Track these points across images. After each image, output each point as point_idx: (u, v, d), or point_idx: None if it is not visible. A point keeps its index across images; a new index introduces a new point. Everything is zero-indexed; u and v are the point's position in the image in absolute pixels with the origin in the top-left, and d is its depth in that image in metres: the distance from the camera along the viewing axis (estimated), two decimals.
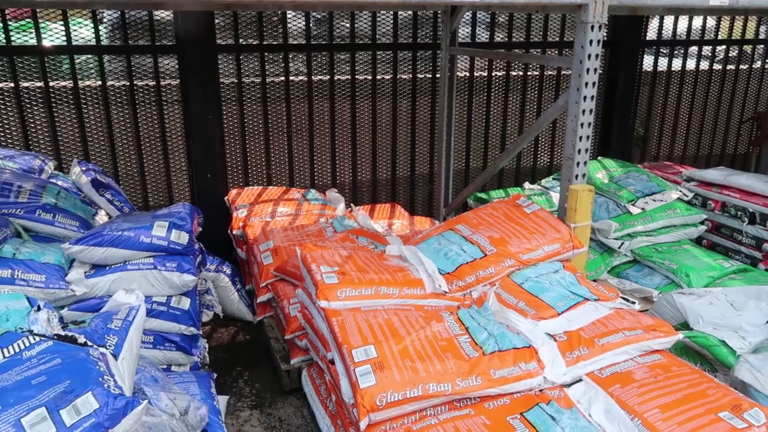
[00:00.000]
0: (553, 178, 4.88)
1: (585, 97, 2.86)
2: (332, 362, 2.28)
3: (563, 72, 5.05)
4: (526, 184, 4.83)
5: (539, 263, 2.80)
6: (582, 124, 2.90)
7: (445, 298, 2.58)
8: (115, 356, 1.77)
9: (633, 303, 2.68)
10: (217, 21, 3.98)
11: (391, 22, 4.38)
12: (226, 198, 4.17)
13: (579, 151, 2.94)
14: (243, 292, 3.67)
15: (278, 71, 4.19)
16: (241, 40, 4.06)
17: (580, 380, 2.25)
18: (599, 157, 4.94)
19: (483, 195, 4.65)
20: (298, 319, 2.89)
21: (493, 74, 4.77)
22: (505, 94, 4.89)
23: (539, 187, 4.81)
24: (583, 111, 2.88)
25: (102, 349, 1.74)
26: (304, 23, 4.16)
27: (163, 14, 3.92)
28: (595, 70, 2.83)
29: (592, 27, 2.75)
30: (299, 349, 2.99)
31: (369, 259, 2.76)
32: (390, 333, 2.20)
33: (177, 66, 3.96)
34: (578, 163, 2.96)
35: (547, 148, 5.26)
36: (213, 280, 3.57)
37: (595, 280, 4.04)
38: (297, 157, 4.43)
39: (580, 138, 2.91)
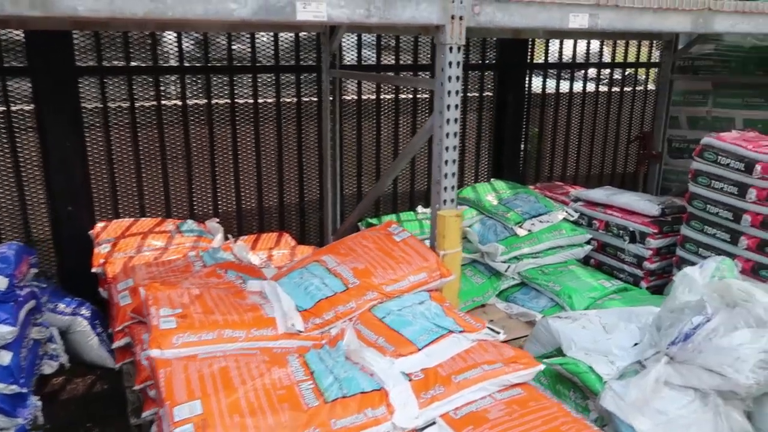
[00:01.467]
0: None
1: (448, 120, 2.78)
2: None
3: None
4: (419, 208, 4.77)
5: (404, 295, 2.67)
6: (447, 148, 2.82)
7: (299, 337, 2.40)
8: None
9: (498, 333, 2.59)
10: (76, 41, 3.69)
11: (272, 43, 4.22)
12: (90, 232, 3.83)
13: (446, 175, 2.86)
14: (105, 336, 3.35)
15: (149, 95, 3.93)
16: (105, 62, 3.78)
17: (434, 423, 2.12)
18: (492, 179, 4.95)
19: (374, 220, 4.53)
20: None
21: (381, 97, 4.70)
22: (396, 117, 4.83)
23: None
24: (447, 134, 2.80)
25: None
26: (182, 44, 3.94)
27: (11, 33, 3.58)
28: (458, 92, 2.76)
29: (451, 48, 2.69)
30: (153, 400, 2.71)
31: (221, 298, 2.55)
32: (222, 384, 1.98)
33: (31, 90, 3.63)
34: (446, 188, 2.88)
35: None
36: (69, 324, 3.24)
37: (483, 305, 4.01)
38: (173, 186, 4.16)
39: (446, 162, 2.84)
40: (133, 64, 3.85)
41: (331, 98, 4.03)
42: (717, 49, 5.32)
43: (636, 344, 2.84)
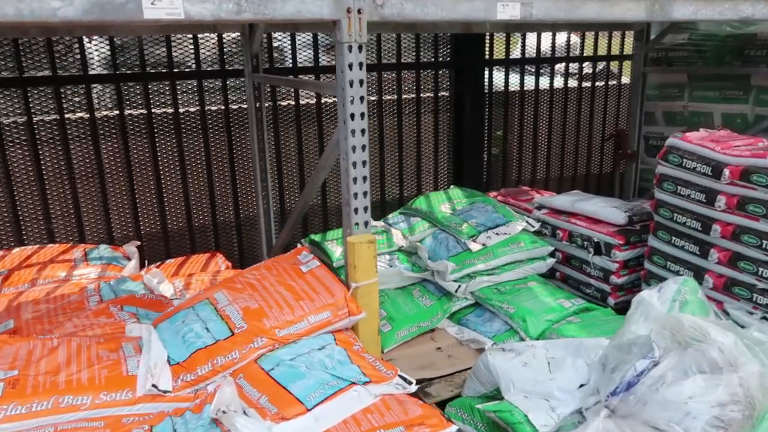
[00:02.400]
0: (400, 212, 4.43)
1: (354, 131, 2.38)
2: None
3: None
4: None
5: (302, 339, 2.27)
6: (354, 164, 2.41)
7: (164, 399, 2.00)
8: None
9: (410, 383, 2.19)
10: None
11: (191, 46, 3.82)
12: None
13: (355, 195, 2.45)
14: None
15: (49, 108, 3.53)
16: None
17: None
18: (452, 187, 4.54)
19: (316, 237, 4.11)
20: None
21: (322, 101, 4.29)
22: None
23: (382, 224, 4.34)
24: (354, 148, 2.40)
25: None
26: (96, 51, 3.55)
27: None
28: (362, 98, 2.36)
29: (350, 47, 2.28)
30: None
31: (81, 351, 2.15)
32: None
33: None
34: (356, 210, 2.47)
35: (395, 180, 4.82)
36: None
37: (433, 330, 3.60)
38: (86, 207, 3.76)
39: (354, 180, 2.43)
40: (28, 74, 3.45)
41: (257, 105, 3.64)
42: (691, 38, 4.91)
43: (582, 385, 2.44)
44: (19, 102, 3.46)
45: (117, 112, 3.69)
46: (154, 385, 1.99)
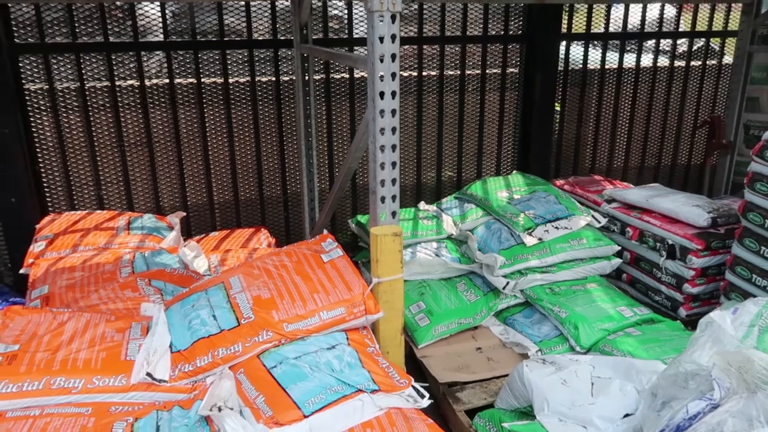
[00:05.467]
0: (455, 197, 4.16)
1: (382, 112, 2.14)
2: None
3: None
4: (422, 204, 4.11)
5: (311, 336, 2.10)
6: (382, 147, 2.18)
7: (159, 389, 1.90)
8: None
9: (423, 397, 1.97)
10: (13, 15, 3.32)
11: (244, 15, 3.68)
12: (37, 225, 3.53)
13: (382, 182, 2.22)
14: None
15: (101, 75, 3.53)
16: (48, 39, 3.40)
17: None
18: (514, 172, 4.20)
19: (363, 219, 3.94)
20: None
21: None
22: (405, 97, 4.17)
23: (434, 208, 4.09)
24: (382, 130, 2.16)
25: None
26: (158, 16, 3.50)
27: None
28: (393, 75, 2.11)
29: (381, 17, 2.03)
30: None
31: (85, 329, 2.09)
32: None
33: None
34: (383, 198, 2.25)
35: (453, 162, 4.52)
36: None
37: (475, 328, 3.34)
38: (134, 175, 3.77)
39: (382, 165, 2.20)
40: (78, 41, 3.44)
41: (305, 77, 3.46)
42: None
43: (627, 415, 2.12)
44: (72, 68, 3.48)
45: (167, 80, 3.63)
46: (149, 374, 1.89)
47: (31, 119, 3.46)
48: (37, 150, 3.53)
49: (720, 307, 2.31)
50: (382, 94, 2.12)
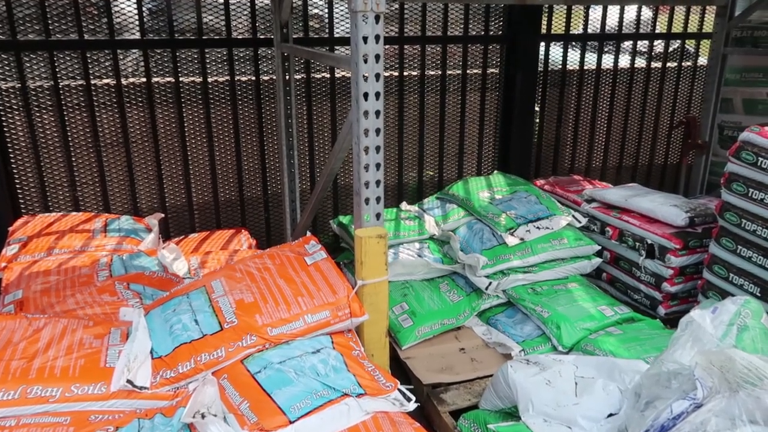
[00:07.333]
0: (437, 197, 4.15)
1: (366, 113, 2.12)
2: None
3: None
4: (404, 204, 4.10)
5: (295, 340, 2.07)
6: (366, 149, 2.16)
7: (140, 396, 1.86)
8: None
9: (410, 400, 1.96)
10: None
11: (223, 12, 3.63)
12: (10, 228, 3.43)
13: (366, 184, 2.20)
14: None
15: (75, 74, 3.44)
16: (20, 36, 3.30)
17: None
18: (495, 172, 4.21)
19: (344, 219, 3.91)
20: None
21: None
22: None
23: (416, 208, 4.08)
24: (366, 131, 2.14)
25: None
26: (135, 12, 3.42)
27: None
28: (377, 76, 2.09)
29: (365, 17, 2.01)
30: None
31: (62, 335, 2.03)
32: None
33: None
34: (367, 200, 2.23)
35: (434, 162, 4.52)
36: None
37: (458, 328, 3.34)
38: (111, 176, 3.69)
39: (366, 167, 2.18)
40: (51, 38, 3.35)
41: (285, 76, 3.42)
42: None
43: (611, 415, 2.14)
44: (45, 66, 3.39)
45: (144, 79, 3.56)
46: (129, 381, 1.84)
47: (3, 119, 3.37)
48: (10, 150, 3.44)
49: (699, 306, 2.34)
50: (366, 95, 2.10)
